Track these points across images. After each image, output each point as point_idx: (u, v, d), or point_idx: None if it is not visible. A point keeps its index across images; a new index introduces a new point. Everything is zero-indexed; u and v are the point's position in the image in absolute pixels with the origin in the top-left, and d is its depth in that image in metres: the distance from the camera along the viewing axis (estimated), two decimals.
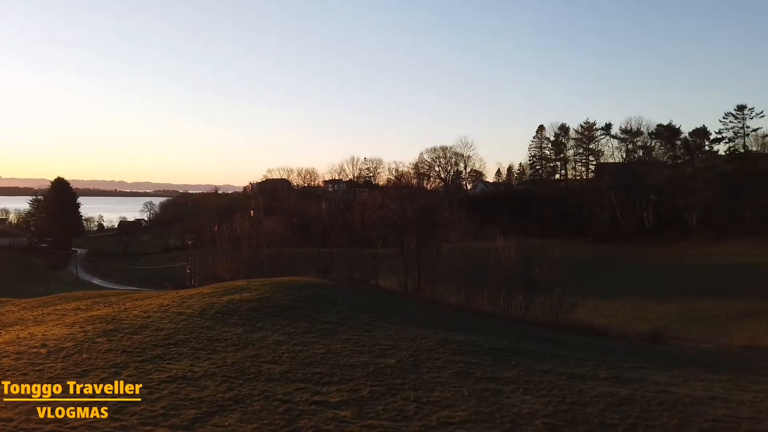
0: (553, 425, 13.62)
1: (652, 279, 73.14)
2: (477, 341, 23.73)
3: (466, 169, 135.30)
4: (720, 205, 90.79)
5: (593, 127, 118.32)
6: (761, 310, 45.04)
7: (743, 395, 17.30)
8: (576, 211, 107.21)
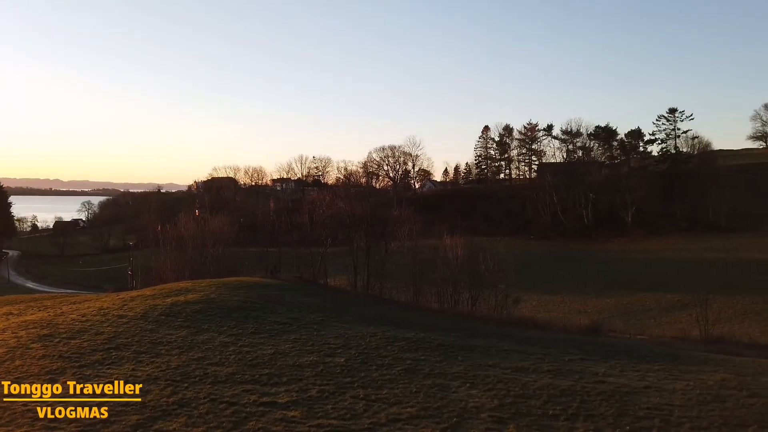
0: (499, 418, 13.99)
1: (591, 274, 76.09)
2: (425, 338, 24.06)
3: (415, 168, 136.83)
4: (653, 203, 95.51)
5: (536, 128, 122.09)
6: (691, 303, 47.53)
7: (675, 384, 18.29)
8: (520, 209, 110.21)
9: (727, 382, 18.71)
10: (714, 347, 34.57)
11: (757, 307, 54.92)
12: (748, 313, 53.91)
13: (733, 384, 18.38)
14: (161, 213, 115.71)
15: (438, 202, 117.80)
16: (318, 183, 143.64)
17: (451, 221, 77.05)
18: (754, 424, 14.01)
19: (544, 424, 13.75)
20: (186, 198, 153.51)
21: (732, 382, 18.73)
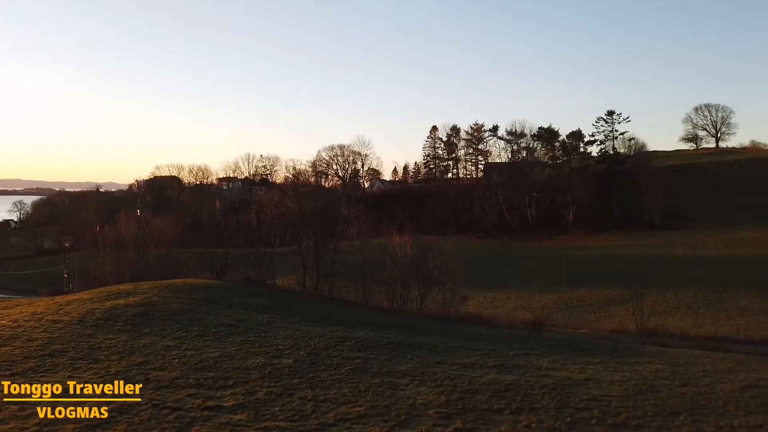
0: (446, 414, 14.21)
1: (535, 271, 78.25)
2: (374, 337, 24.16)
3: (364, 167, 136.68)
4: (593, 202, 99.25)
5: (482, 128, 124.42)
6: (628, 297, 49.70)
7: (613, 375, 19.09)
8: (467, 208, 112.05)
9: (661, 372, 19.70)
10: (649, 339, 36.29)
11: (688, 301, 57.93)
12: (680, 306, 56.80)
13: (667, 374, 19.36)
14: (100, 213, 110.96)
15: (387, 202, 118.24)
16: (266, 182, 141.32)
17: (400, 220, 77.61)
18: (685, 412, 14.80)
19: (490, 418, 14.06)
20: (127, 197, 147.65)
21: (665, 372, 19.73)
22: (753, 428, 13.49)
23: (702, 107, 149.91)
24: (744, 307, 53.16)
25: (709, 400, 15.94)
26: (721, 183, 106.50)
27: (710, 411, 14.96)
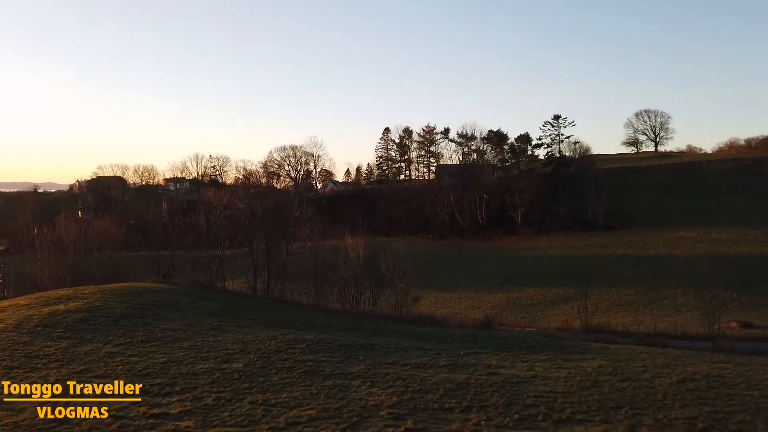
0: (397, 414, 14.29)
1: (485, 271, 79.72)
2: (327, 339, 24.03)
3: (317, 168, 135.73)
4: (540, 203, 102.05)
5: (434, 131, 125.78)
6: (574, 296, 51.28)
7: (559, 372, 19.66)
8: (420, 209, 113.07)
9: (604, 368, 20.42)
10: (593, 336, 37.56)
11: (629, 298, 60.33)
12: (622, 303, 59.09)
13: (609, 370, 20.09)
14: (38, 214, 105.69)
15: (340, 203, 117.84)
16: (215, 183, 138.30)
17: (353, 222, 77.54)
18: (626, 406, 15.40)
19: (440, 417, 14.23)
20: (67, 198, 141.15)
21: (608, 368, 20.47)
22: (688, 420, 14.15)
23: (642, 113, 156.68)
24: (681, 305, 55.77)
25: (648, 394, 16.64)
26: (659, 185, 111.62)
27: (649, 404, 15.61)
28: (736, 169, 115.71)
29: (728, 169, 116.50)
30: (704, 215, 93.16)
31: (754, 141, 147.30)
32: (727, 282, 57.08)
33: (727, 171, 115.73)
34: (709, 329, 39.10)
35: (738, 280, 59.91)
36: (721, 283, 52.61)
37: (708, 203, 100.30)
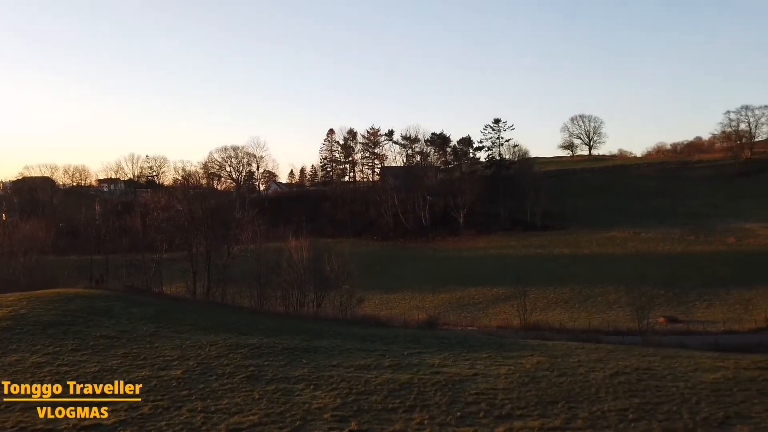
0: (341, 417, 14.23)
1: (429, 271, 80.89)
2: (270, 343, 23.67)
3: (259, 169, 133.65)
4: (482, 205, 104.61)
5: (378, 132, 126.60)
6: (513, 295, 52.77)
7: (499, 369, 20.15)
8: (364, 210, 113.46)
9: (542, 364, 21.10)
10: (531, 334, 38.82)
11: (565, 296, 62.70)
12: (558, 301, 61.33)
13: (547, 366, 20.77)
14: None
15: (284, 204, 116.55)
16: (152, 184, 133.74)
17: (296, 223, 76.79)
18: (562, 400, 15.96)
19: (384, 417, 14.29)
20: None
21: (546, 364, 21.16)
22: (620, 411, 14.83)
23: (577, 117, 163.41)
24: (613, 301, 58.46)
25: (583, 388, 17.31)
26: (593, 187, 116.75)
27: (584, 398, 16.24)
28: (663, 172, 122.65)
29: (656, 172, 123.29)
30: (634, 216, 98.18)
31: (680, 146, 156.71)
32: (655, 279, 60.36)
33: (655, 174, 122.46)
34: (639, 324, 41.17)
35: (665, 277, 63.42)
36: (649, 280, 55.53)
37: (638, 204, 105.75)
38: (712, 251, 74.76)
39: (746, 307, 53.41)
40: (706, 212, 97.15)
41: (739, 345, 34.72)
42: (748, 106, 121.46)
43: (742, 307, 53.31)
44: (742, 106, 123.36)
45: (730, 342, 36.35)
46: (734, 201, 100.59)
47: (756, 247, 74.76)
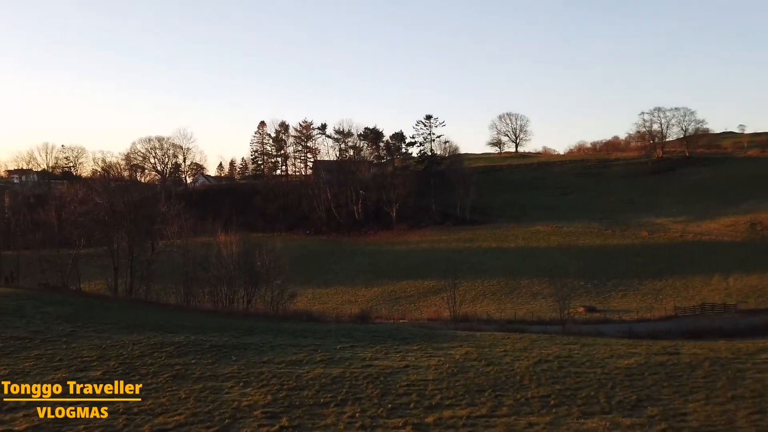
0: (272, 413, 14.04)
1: (361, 266, 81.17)
2: (197, 340, 22.98)
3: (186, 161, 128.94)
4: (414, 200, 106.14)
5: (311, 126, 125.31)
6: (443, 287, 53.92)
7: (430, 360, 20.55)
8: (296, 205, 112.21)
9: (470, 354, 21.71)
10: (461, 325, 39.88)
11: (493, 288, 64.77)
12: (486, 293, 63.28)
13: (475, 356, 21.40)
14: None
15: (212, 198, 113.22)
16: (69, 175, 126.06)
17: (226, 218, 74.80)
18: (489, 389, 16.51)
19: (316, 412, 14.23)
20: None
21: (474, 354, 21.79)
22: (543, 398, 15.51)
23: (504, 115, 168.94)
24: (537, 293, 60.97)
25: (509, 376, 17.97)
26: (519, 183, 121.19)
27: (510, 386, 16.87)
28: (584, 169, 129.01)
29: (577, 169, 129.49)
30: (557, 211, 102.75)
31: (599, 144, 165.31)
32: (575, 271, 63.56)
33: (576, 170, 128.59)
34: (561, 314, 43.19)
35: (585, 269, 66.91)
36: (570, 272, 58.38)
37: (560, 200, 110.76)
38: (627, 244, 79.49)
39: (657, 296, 57.24)
40: (622, 208, 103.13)
41: (650, 332, 37.26)
42: (660, 108, 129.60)
43: (653, 297, 57.08)
44: (655, 108, 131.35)
45: (642, 329, 38.93)
46: (647, 197, 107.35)
47: (666, 241, 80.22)
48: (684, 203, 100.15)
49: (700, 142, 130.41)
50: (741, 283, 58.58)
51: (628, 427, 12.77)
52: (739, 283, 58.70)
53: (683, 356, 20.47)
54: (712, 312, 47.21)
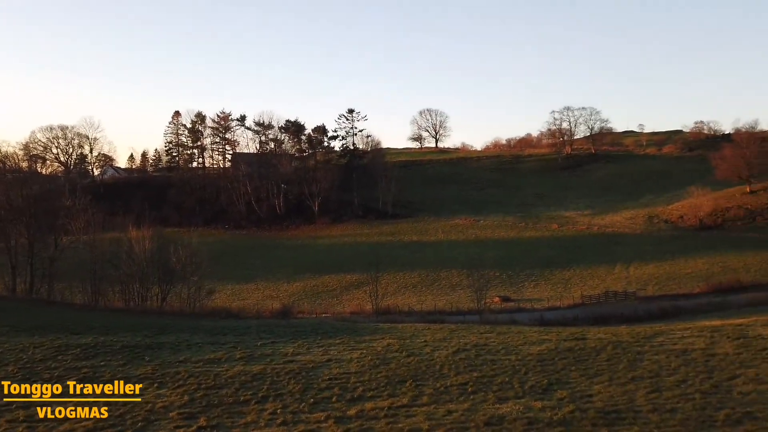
0: (189, 414, 13.62)
1: (283, 260, 79.97)
2: (107, 341, 21.80)
3: (93, 152, 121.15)
4: (336, 194, 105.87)
5: (229, 117, 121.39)
6: (366, 281, 54.24)
7: (352, 354, 20.67)
8: (214, 198, 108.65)
9: (392, 346, 22.05)
10: (383, 318, 40.35)
11: (414, 281, 65.97)
12: (407, 286, 64.36)
13: (396, 347, 21.76)
14: None
15: (123, 191, 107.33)
16: None
17: (138, 212, 71.27)
18: (410, 379, 16.86)
19: (235, 410, 13.95)
20: None
21: (395, 345, 22.15)
22: (461, 385, 16.05)
23: (425, 111, 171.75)
24: (456, 284, 62.76)
25: (429, 366, 18.43)
26: (438, 178, 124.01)
27: (430, 375, 17.31)
28: (499, 165, 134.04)
29: (492, 165, 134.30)
30: (474, 204, 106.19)
31: (513, 141, 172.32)
32: (492, 263, 65.96)
33: (492, 166, 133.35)
34: (477, 304, 44.72)
35: (500, 260, 69.62)
36: (487, 264, 60.50)
37: (477, 194, 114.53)
38: (539, 236, 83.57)
39: (566, 285, 60.61)
40: (534, 202, 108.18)
41: (560, 319, 39.46)
42: (569, 107, 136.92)
43: (562, 286, 60.39)
44: (564, 107, 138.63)
45: (552, 317, 41.13)
46: (557, 192, 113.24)
47: (574, 233, 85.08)
48: (590, 197, 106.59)
49: (604, 140, 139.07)
50: (640, 271, 63.24)
51: (540, 410, 13.49)
52: (639, 271, 63.34)
53: (589, 341, 21.86)
54: (615, 299, 50.58)
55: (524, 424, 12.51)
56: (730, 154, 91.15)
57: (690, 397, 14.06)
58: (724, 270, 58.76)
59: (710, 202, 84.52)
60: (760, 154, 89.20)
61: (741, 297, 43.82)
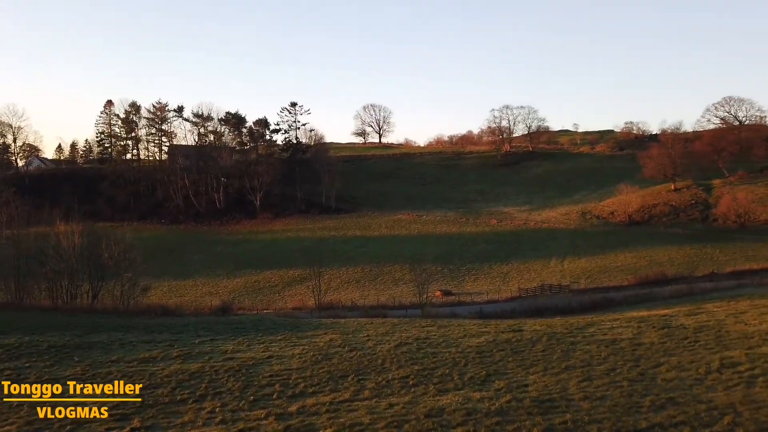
0: (121, 415, 13.13)
1: (223, 256, 78.16)
2: (32, 341, 20.65)
3: (17, 142, 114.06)
4: (279, 188, 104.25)
5: (166, 108, 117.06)
6: (309, 276, 53.79)
7: (294, 350, 20.47)
8: (150, 192, 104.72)
9: (334, 341, 22.00)
10: (326, 313, 40.16)
11: (357, 276, 66.02)
12: (351, 281, 64.34)
13: (339, 342, 21.72)
14: None
15: (50, 184, 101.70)
16: None
17: (67, 205, 67.68)
18: (352, 373, 16.87)
19: (171, 410, 13.54)
20: None
21: (338, 340, 22.11)
22: (403, 378, 16.21)
23: (369, 106, 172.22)
24: (399, 279, 63.27)
25: (371, 360, 18.52)
26: (382, 173, 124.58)
27: (372, 369, 17.39)
28: (441, 161, 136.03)
29: (435, 161, 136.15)
30: (417, 200, 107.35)
31: (455, 138, 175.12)
32: (433, 257, 66.94)
33: (434, 162, 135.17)
34: (420, 298, 45.22)
35: (442, 255, 70.77)
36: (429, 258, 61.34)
37: (419, 190, 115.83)
38: (479, 232, 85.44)
39: (504, 279, 62.31)
40: (474, 198, 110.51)
41: (498, 312, 40.48)
42: (508, 106, 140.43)
43: (501, 279, 62.04)
44: (504, 106, 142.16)
45: (491, 310, 42.16)
46: (497, 188, 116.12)
47: (512, 228, 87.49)
48: (527, 194, 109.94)
49: (541, 139, 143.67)
50: (573, 265, 65.85)
51: (478, 401, 13.82)
52: (572, 265, 65.94)
53: (526, 333, 22.59)
54: (551, 292, 52.49)
55: (463, 414, 12.78)
56: (656, 153, 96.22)
57: (618, 385, 14.78)
58: (651, 263, 62.05)
59: (638, 199, 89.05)
60: (684, 154, 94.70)
61: (666, 289, 46.41)
